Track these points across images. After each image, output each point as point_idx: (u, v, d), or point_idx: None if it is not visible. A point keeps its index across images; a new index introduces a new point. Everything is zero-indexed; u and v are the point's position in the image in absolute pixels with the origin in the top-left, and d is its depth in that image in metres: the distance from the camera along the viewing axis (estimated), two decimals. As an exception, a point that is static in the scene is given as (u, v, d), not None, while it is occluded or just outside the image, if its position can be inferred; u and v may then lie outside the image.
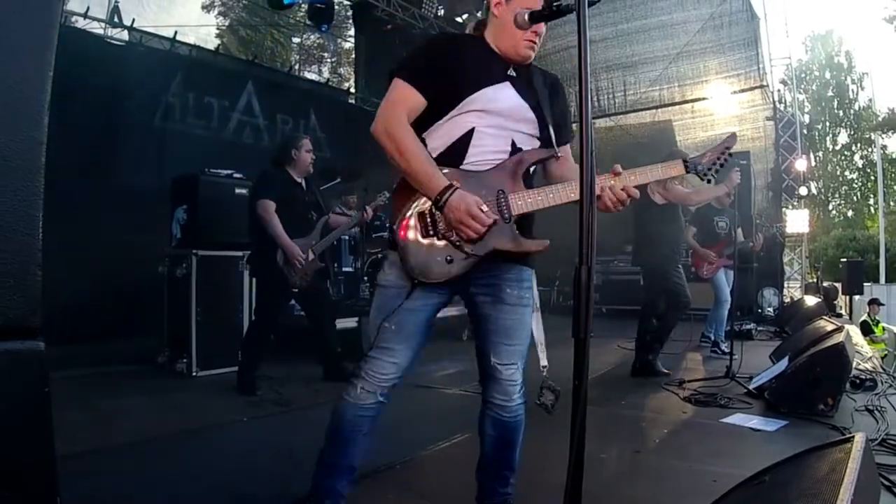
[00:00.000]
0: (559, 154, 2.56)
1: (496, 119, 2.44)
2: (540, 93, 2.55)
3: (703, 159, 2.55)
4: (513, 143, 2.48)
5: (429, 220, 2.35)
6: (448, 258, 2.35)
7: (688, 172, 2.57)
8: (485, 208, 2.27)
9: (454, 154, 2.40)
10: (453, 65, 2.43)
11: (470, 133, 2.41)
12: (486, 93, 2.42)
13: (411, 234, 2.36)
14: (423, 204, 2.36)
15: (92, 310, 6.96)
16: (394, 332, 2.42)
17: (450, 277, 2.38)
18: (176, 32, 9.83)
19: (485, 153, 2.43)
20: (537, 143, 2.54)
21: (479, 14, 16.12)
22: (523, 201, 2.39)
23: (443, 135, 2.43)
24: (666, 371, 6.21)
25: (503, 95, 2.46)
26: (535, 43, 2.50)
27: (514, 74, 2.52)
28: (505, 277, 2.49)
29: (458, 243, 2.33)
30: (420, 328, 2.48)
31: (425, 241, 2.35)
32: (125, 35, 9.18)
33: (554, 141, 2.55)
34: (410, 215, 2.37)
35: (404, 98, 2.38)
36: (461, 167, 2.39)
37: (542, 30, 2.50)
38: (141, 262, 6.89)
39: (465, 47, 2.54)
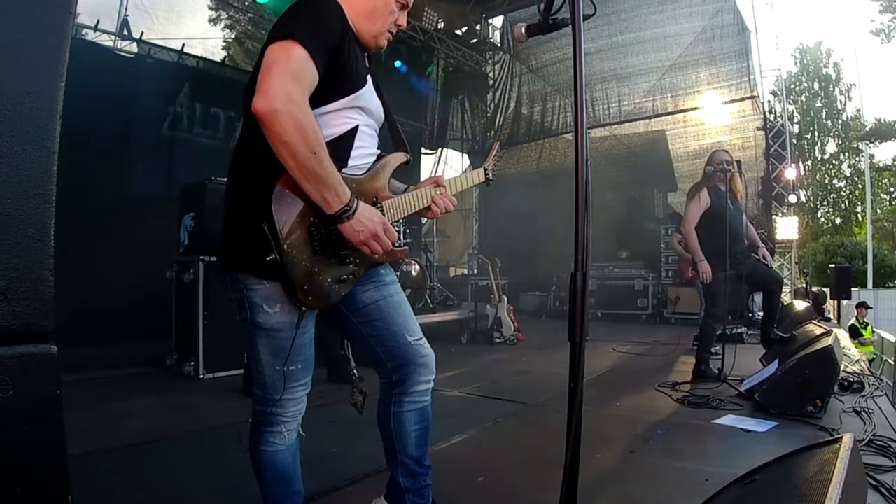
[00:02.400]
0: (410, 158, 2.35)
1: (370, 119, 2.19)
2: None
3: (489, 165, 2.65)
4: (378, 146, 2.27)
5: (320, 234, 1.98)
6: (342, 277, 2.07)
7: (487, 181, 2.66)
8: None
9: (336, 153, 1.96)
10: (349, 48, 2.04)
11: (353, 131, 2.10)
12: (368, 88, 2.16)
13: (302, 256, 1.95)
14: (308, 217, 1.96)
15: (102, 314, 6.96)
16: (300, 368, 2.14)
17: (341, 297, 2.12)
18: (184, 45, 9.87)
19: (364, 155, 2.16)
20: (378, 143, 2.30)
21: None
22: (393, 209, 2.22)
23: (322, 127, 1.91)
24: (716, 373, 5.87)
25: (372, 93, 2.20)
26: (393, 36, 2.27)
27: (368, 66, 2.24)
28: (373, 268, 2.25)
29: (348, 259, 2.07)
30: (313, 345, 2.21)
31: (316, 262, 1.99)
32: (134, 47, 9.21)
33: (406, 143, 2.36)
34: (300, 232, 1.94)
35: (305, 73, 1.84)
36: (343, 171, 2.02)
37: (404, 23, 2.27)
38: (150, 267, 6.89)
39: (350, 27, 2.09)
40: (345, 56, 2.00)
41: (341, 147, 2.05)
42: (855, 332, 13.28)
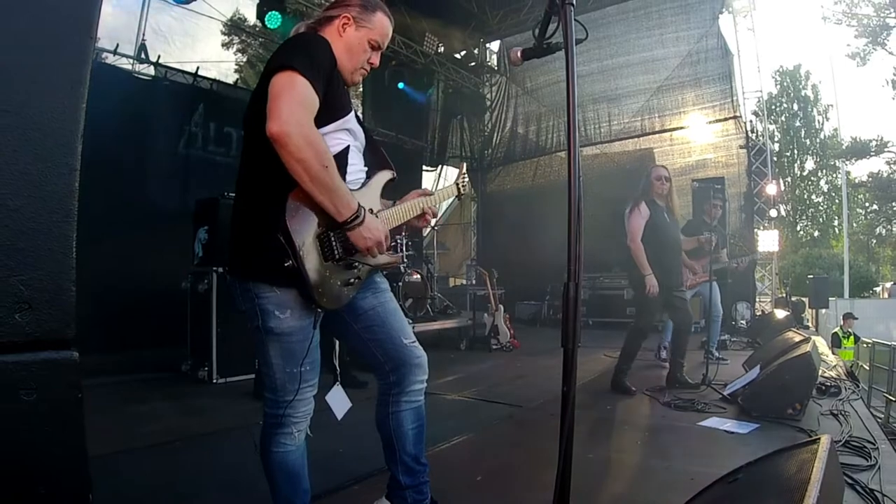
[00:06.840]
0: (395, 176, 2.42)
1: (356, 140, 2.28)
2: None
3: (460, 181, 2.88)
4: (365, 164, 2.36)
5: (329, 242, 2.06)
6: (349, 280, 2.14)
7: (459, 195, 2.88)
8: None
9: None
10: (338, 77, 2.18)
11: (346, 151, 2.20)
12: (353, 113, 2.27)
13: (315, 261, 2.03)
14: (319, 226, 2.03)
15: (121, 322, 6.97)
16: (309, 369, 2.16)
17: (350, 298, 2.20)
18: (198, 67, 9.89)
19: (356, 172, 2.25)
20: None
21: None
22: (387, 220, 2.30)
23: None
24: (632, 389, 5.69)
25: (355, 118, 2.30)
26: (367, 72, 2.38)
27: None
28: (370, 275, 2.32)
29: (354, 264, 2.15)
30: (319, 349, 2.24)
31: (327, 267, 2.06)
32: (151, 70, 9.24)
33: (389, 162, 2.43)
34: (311, 240, 2.02)
35: (309, 98, 1.94)
36: None
37: (377, 62, 2.36)
38: (166, 278, 6.89)
39: (335, 59, 2.19)
40: (335, 84, 2.11)
41: (339, 165, 2.08)
42: (836, 342, 13.27)
